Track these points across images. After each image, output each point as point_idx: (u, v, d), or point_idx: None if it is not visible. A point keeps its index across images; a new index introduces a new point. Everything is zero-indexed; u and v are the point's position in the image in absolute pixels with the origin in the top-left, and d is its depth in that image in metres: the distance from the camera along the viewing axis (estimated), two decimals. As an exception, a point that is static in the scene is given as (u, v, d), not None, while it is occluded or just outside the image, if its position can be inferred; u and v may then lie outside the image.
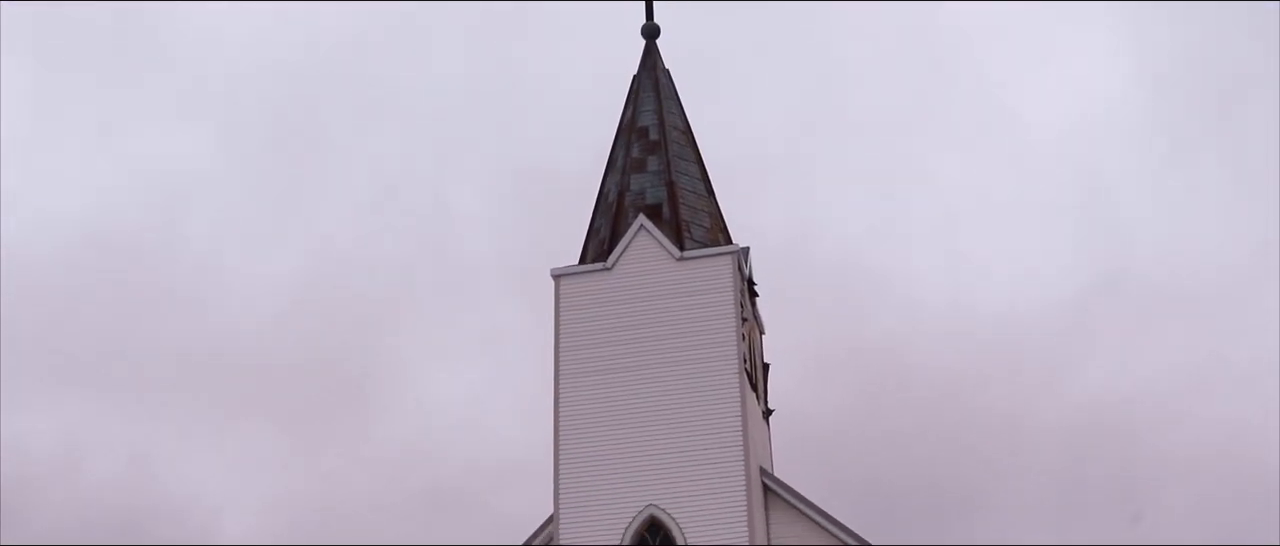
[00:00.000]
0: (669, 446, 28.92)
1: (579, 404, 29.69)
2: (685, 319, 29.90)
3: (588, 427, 29.43)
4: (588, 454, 29.25)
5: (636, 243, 30.81)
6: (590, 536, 28.60)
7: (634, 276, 30.56)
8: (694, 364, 29.47)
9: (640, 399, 29.42)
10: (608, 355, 29.96)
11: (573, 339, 30.32)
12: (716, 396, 29.15)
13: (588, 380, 29.83)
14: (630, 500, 28.72)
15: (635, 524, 28.53)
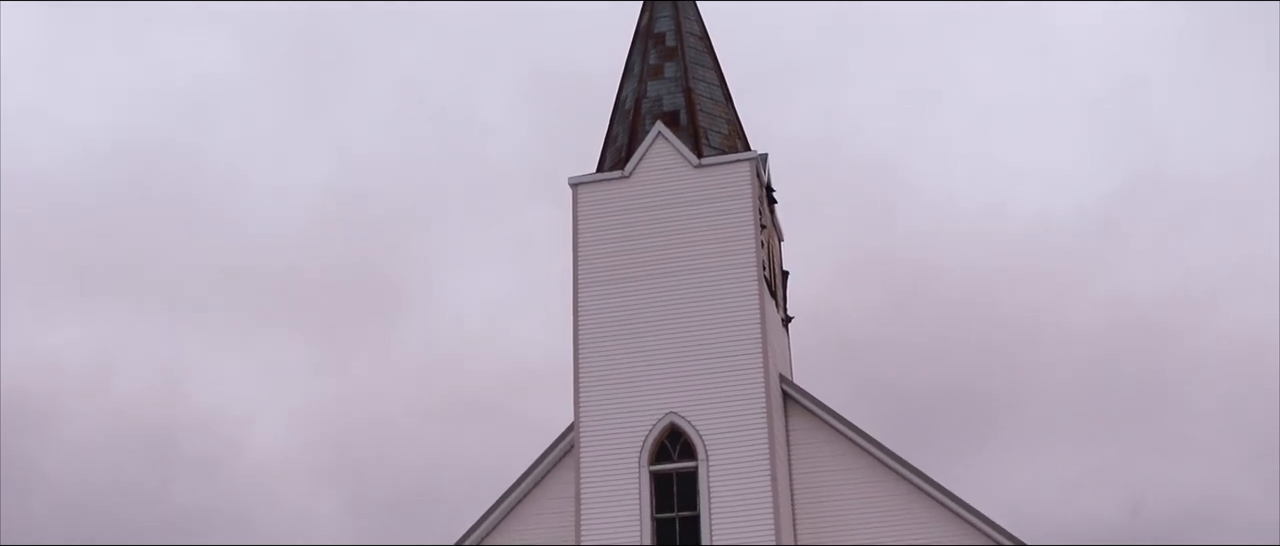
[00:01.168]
0: (688, 353, 28.94)
1: (598, 312, 29.71)
2: (703, 226, 29.79)
3: (607, 335, 29.47)
4: (607, 361, 29.31)
5: (654, 150, 30.63)
6: (611, 442, 28.73)
7: (651, 184, 30.41)
8: (712, 271, 29.41)
9: (659, 306, 29.41)
10: (626, 263, 29.92)
11: (591, 247, 30.28)
12: (735, 303, 29.11)
13: (606, 288, 29.82)
14: (650, 407, 28.81)
15: (655, 431, 28.63)
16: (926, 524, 28.63)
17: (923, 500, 28.71)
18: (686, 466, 28.40)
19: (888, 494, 28.98)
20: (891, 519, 28.82)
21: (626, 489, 28.37)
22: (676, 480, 28.43)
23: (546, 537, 29.92)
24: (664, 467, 28.51)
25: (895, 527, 28.74)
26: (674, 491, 28.39)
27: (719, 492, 27.97)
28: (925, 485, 28.60)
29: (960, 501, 28.31)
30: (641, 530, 27.99)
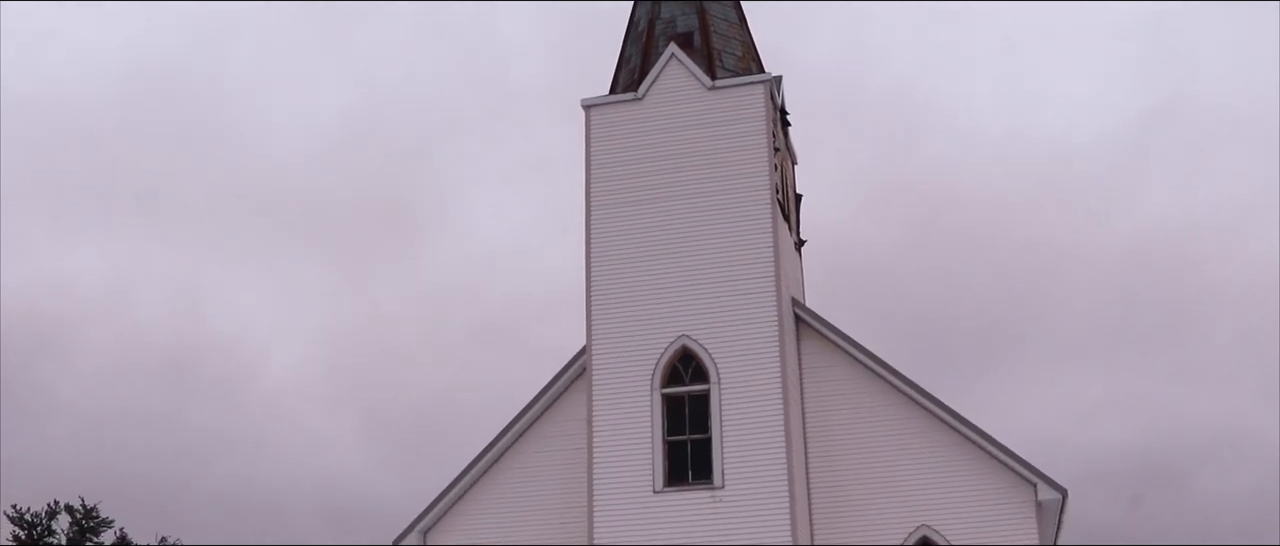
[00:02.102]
0: (701, 276, 28.85)
1: (610, 235, 29.61)
2: (716, 149, 29.59)
3: (619, 258, 29.39)
4: (619, 284, 29.26)
5: (667, 72, 30.37)
6: (623, 364, 28.74)
7: (664, 106, 30.18)
8: (725, 194, 29.24)
9: (672, 229, 29.29)
10: (639, 186, 29.77)
11: (603, 169, 30.13)
12: (748, 226, 28.97)
13: (618, 211, 29.70)
14: (662, 330, 28.77)
15: (667, 353, 28.61)
16: (939, 448, 28.60)
17: (936, 425, 28.66)
18: (698, 389, 28.39)
19: (900, 418, 28.94)
20: (904, 443, 28.81)
21: (638, 412, 28.39)
22: (688, 403, 28.45)
23: (559, 460, 30.01)
24: (676, 390, 28.51)
25: (907, 451, 28.72)
26: (686, 414, 28.41)
27: (731, 416, 27.97)
28: (938, 410, 28.55)
29: (974, 426, 28.26)
30: (653, 453, 28.04)
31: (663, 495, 27.79)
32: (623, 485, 27.93)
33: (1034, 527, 27.70)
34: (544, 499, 29.99)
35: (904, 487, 28.42)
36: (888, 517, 28.33)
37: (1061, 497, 27.67)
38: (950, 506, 28.15)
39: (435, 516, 30.48)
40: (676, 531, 27.34)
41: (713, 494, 27.56)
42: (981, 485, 28.18)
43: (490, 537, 30.03)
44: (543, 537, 29.66)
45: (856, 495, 28.60)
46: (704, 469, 27.91)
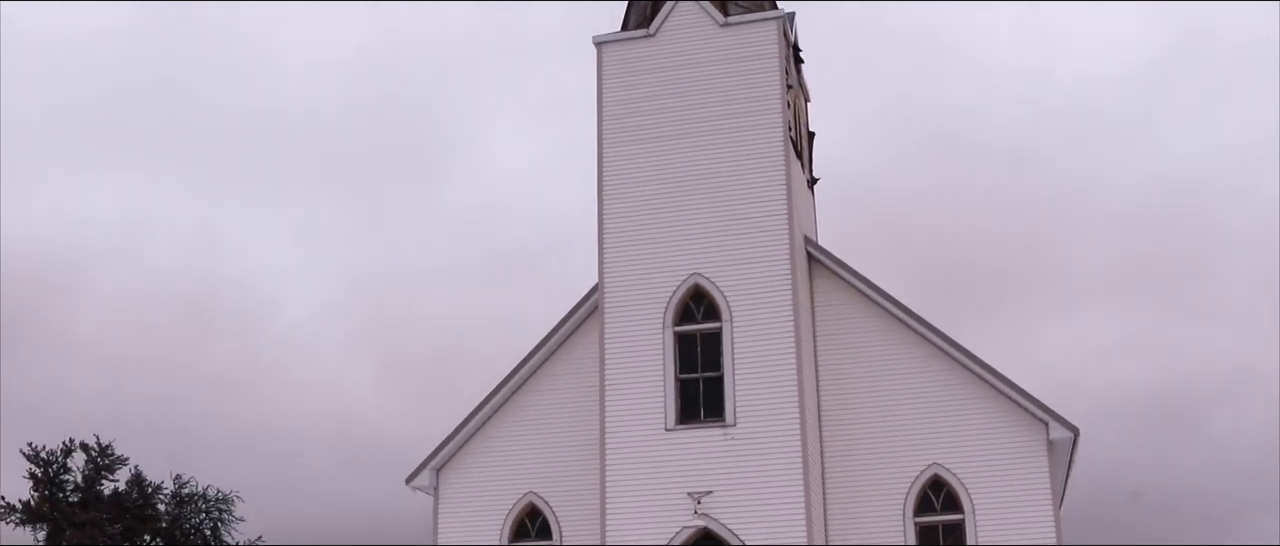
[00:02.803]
0: (713, 214, 28.77)
1: (622, 172, 29.51)
2: (729, 86, 29.39)
3: (631, 196, 29.30)
4: (631, 222, 29.19)
5: (679, 8, 30.10)
6: (635, 302, 28.72)
7: (677, 43, 29.96)
8: (738, 131, 29.08)
9: (684, 166, 29.17)
10: (651, 123, 29.62)
11: (615, 106, 29.97)
12: (760, 164, 28.83)
13: (631, 148, 29.58)
14: (674, 267, 28.74)
15: (679, 291, 28.56)
16: (951, 387, 28.57)
17: (948, 364, 28.61)
18: (710, 327, 28.36)
19: (913, 356, 28.90)
20: (916, 381, 28.79)
21: (650, 349, 28.40)
22: (700, 341, 28.42)
23: (571, 398, 30.04)
24: (688, 328, 28.49)
25: (919, 390, 28.71)
26: (698, 352, 28.39)
27: (743, 353, 27.95)
28: (951, 349, 28.48)
29: (986, 365, 28.19)
30: (665, 390, 28.06)
31: (675, 432, 27.83)
32: (635, 422, 27.99)
33: (1045, 466, 27.70)
34: (556, 437, 30.08)
35: (916, 426, 28.43)
36: (899, 455, 28.36)
37: (1073, 436, 27.63)
38: (962, 444, 28.16)
39: (447, 454, 30.58)
40: (688, 468, 27.41)
41: (724, 431, 27.59)
42: (993, 423, 28.16)
43: (502, 476, 30.14)
44: (555, 475, 29.76)
45: (868, 433, 28.62)
46: (716, 406, 27.92)
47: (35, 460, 53.21)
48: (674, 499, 27.24)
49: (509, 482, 30.11)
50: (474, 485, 30.35)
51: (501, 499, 30.06)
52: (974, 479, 27.91)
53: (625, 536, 27.33)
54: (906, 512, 28.10)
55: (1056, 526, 27.48)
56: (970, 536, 27.71)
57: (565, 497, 29.59)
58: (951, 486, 28.02)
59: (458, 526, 30.21)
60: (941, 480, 28.11)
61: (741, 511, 26.95)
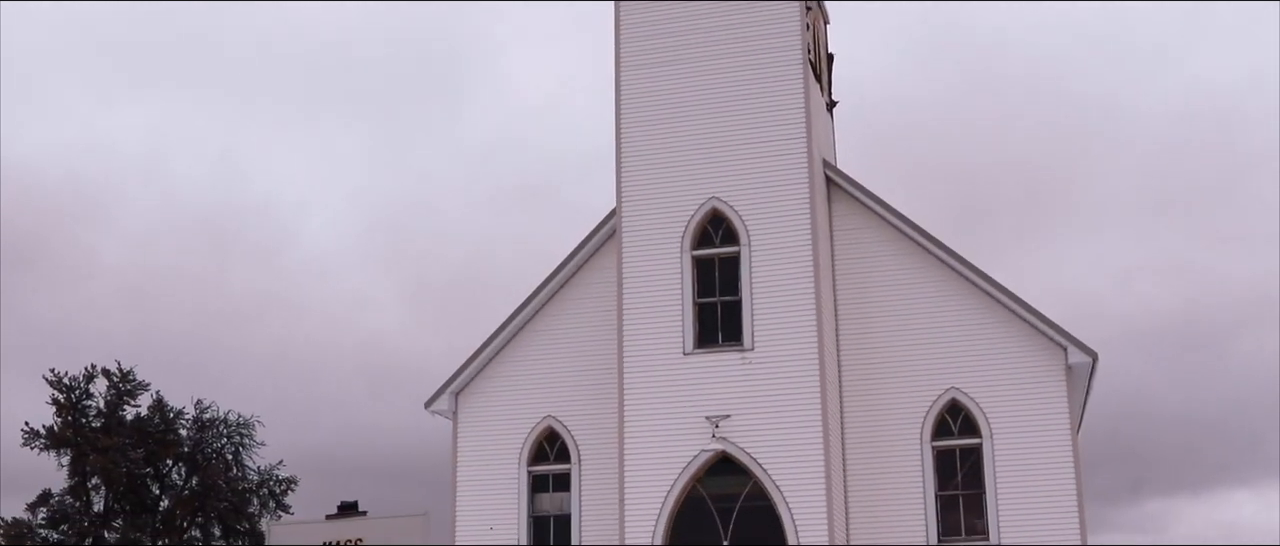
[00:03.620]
0: (731, 137, 28.59)
1: (640, 95, 29.32)
2: (747, 8, 29.08)
3: (649, 119, 29.13)
4: (649, 145, 29.05)
5: (698, -71, 29.73)
6: (653, 226, 28.64)
7: (695, -36, 29.61)
8: (756, 54, 28.83)
9: (702, 90, 28.97)
10: (669, 46, 29.38)
11: (633, 30, 29.73)
12: (779, 87, 28.61)
13: (649, 72, 29.36)
14: (692, 191, 28.62)
15: (697, 215, 28.46)
16: (970, 311, 28.48)
17: (967, 288, 28.50)
18: (728, 251, 28.27)
19: (931, 280, 28.79)
20: (934, 305, 28.69)
21: (668, 273, 28.34)
22: (718, 265, 28.34)
23: (589, 322, 30.05)
24: (706, 252, 28.41)
25: (938, 314, 28.62)
26: (716, 276, 28.33)
27: (761, 278, 27.88)
28: (970, 273, 28.36)
29: (1005, 289, 28.08)
30: (683, 314, 28.04)
31: (693, 356, 27.83)
32: (652, 347, 27.99)
33: (1064, 391, 27.65)
34: (574, 361, 30.12)
35: (934, 350, 28.38)
36: (917, 379, 28.33)
37: (1091, 361, 27.54)
38: (980, 369, 28.12)
39: (466, 379, 30.65)
40: (706, 392, 27.43)
41: (742, 356, 27.57)
42: (1012, 348, 28.09)
43: (520, 399, 30.23)
44: (573, 399, 29.84)
45: (886, 357, 28.58)
46: (734, 331, 27.89)
47: (58, 386, 53.59)
48: (692, 423, 27.28)
49: (528, 407, 30.20)
50: (492, 409, 30.46)
51: (520, 423, 30.17)
52: (992, 403, 27.88)
53: (643, 460, 27.41)
54: (924, 436, 28.12)
55: (1074, 451, 27.46)
56: (988, 460, 27.72)
57: (584, 421, 29.68)
58: (969, 410, 28.00)
59: (476, 450, 30.34)
60: (959, 404, 28.09)
61: (759, 435, 26.99)
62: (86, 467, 53.50)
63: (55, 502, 54.60)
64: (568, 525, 29.56)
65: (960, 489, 28.00)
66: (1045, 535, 27.08)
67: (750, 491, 26.99)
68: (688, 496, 27.23)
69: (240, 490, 56.39)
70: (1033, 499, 27.32)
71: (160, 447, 54.81)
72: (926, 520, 27.80)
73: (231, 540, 57.40)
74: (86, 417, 54.13)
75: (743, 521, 26.93)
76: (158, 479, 56.39)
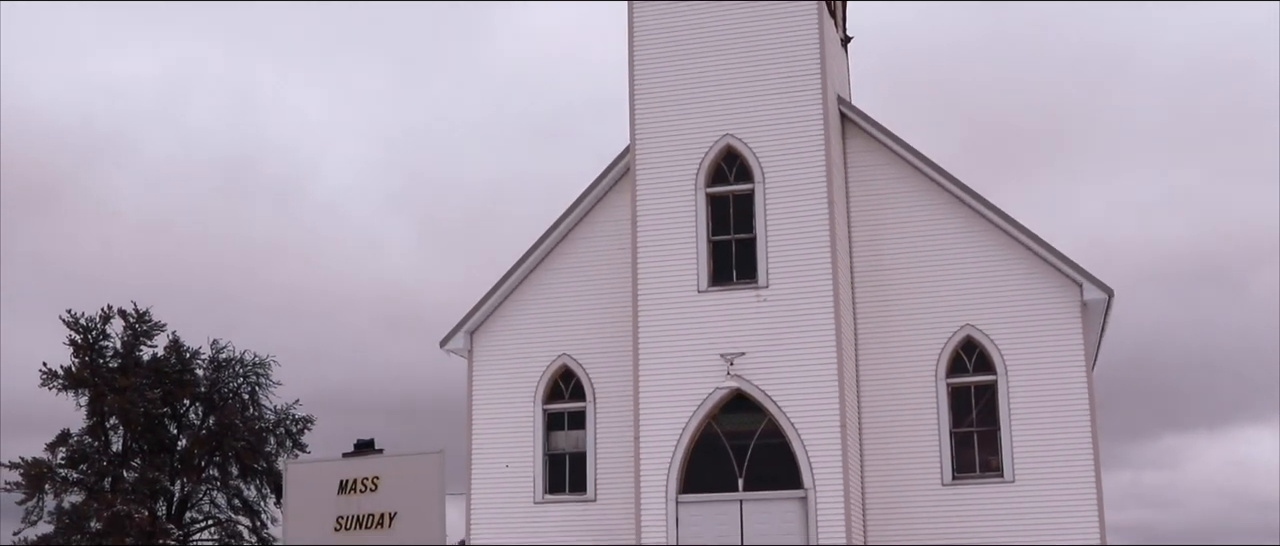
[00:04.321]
0: (745, 74, 28.42)
1: (653, 31, 29.12)
2: (762, -58, 28.80)
3: (662, 55, 28.95)
4: (662, 82, 28.88)
5: None
6: (667, 164, 28.52)
7: (709, -102, 29.31)
8: (771, -11, 28.55)
9: (716, 26, 28.76)
10: (682, -18, 29.12)
11: (646, -35, 29.47)
12: (793, 22, 28.39)
13: (662, 8, 29.13)
14: (706, 128, 28.47)
15: (712, 152, 28.33)
16: (985, 248, 28.38)
17: (983, 225, 28.38)
18: (743, 188, 28.17)
19: (947, 217, 28.69)
20: (950, 242, 28.60)
21: (682, 210, 28.25)
22: (733, 202, 28.25)
23: (604, 260, 30.02)
24: (720, 189, 28.31)
25: (953, 251, 28.53)
26: (731, 213, 28.24)
27: (775, 215, 27.78)
28: (985, 210, 28.23)
29: (1021, 226, 27.96)
30: (698, 252, 27.97)
31: (707, 294, 27.80)
32: (667, 284, 27.96)
33: (1078, 327, 27.59)
34: (589, 299, 30.12)
35: (949, 287, 28.32)
36: (932, 316, 28.29)
37: (1107, 297, 27.46)
38: (995, 306, 28.06)
39: (481, 317, 30.68)
40: (721, 329, 27.42)
41: (757, 293, 27.54)
42: (1027, 285, 28.02)
43: (535, 338, 30.26)
44: (588, 338, 29.86)
45: (901, 294, 28.54)
46: (748, 268, 27.84)
47: (74, 327, 53.78)
48: (707, 360, 27.29)
49: (542, 345, 30.24)
50: (508, 347, 30.50)
51: (535, 361, 30.21)
52: (1007, 340, 27.85)
53: (658, 398, 27.45)
54: (939, 373, 28.11)
55: (1089, 388, 27.44)
56: (1002, 397, 27.72)
57: (598, 359, 29.72)
58: (984, 347, 27.97)
59: (492, 389, 30.42)
60: (974, 341, 28.06)
61: (774, 372, 27.00)
62: (104, 408, 53.80)
63: (74, 442, 54.95)
64: (583, 462, 29.67)
65: (975, 426, 28.03)
66: (1060, 471, 27.12)
67: (765, 428, 27.03)
68: (702, 433, 27.29)
69: (257, 429, 56.68)
70: (1047, 435, 27.35)
71: (177, 388, 55.07)
72: (941, 457, 27.85)
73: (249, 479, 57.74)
74: (103, 358, 54.36)
75: (757, 458, 27.00)
76: (175, 418, 56.69)
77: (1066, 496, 27.00)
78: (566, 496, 29.66)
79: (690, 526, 26.89)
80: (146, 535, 51.66)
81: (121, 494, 52.93)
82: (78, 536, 52.93)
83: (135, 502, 52.35)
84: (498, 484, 29.93)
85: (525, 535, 29.46)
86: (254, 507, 58.38)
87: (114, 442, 55.53)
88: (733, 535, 26.75)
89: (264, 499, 58.53)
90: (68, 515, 53.57)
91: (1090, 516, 26.84)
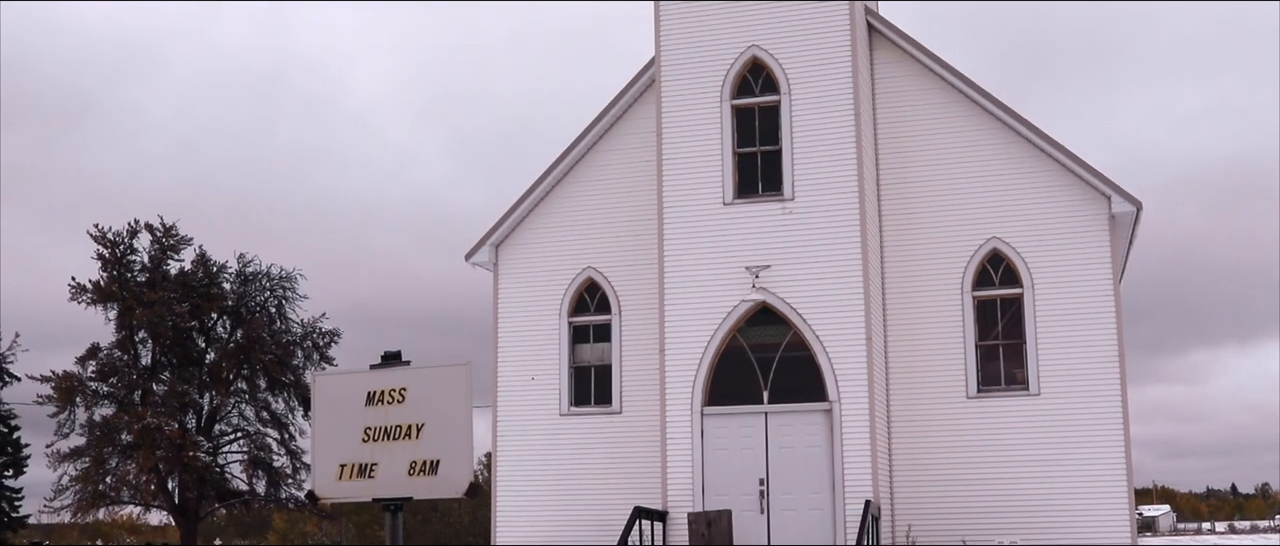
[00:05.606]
0: (771, -15, 28.08)
1: (678, -58, 28.78)
2: None
3: (687, -34, 28.63)
4: (688, -6, 28.58)
5: None
6: (692, 75, 28.32)
7: None
8: (797, -102, 28.18)
9: (742, -64, 28.39)
10: (708, -110, 28.75)
11: (671, -127, 29.09)
12: (820, -68, 28.00)
13: (687, -83, 28.78)
14: (731, 39, 28.23)
15: (737, 63, 28.13)
16: (1013, 160, 28.20)
17: (1010, 137, 28.18)
18: (768, 100, 27.99)
19: (974, 129, 28.49)
20: (977, 155, 28.42)
21: (707, 123, 28.10)
22: (758, 114, 28.08)
23: (629, 173, 29.96)
24: (746, 101, 28.13)
25: (980, 163, 28.36)
26: (756, 125, 28.07)
27: (801, 127, 27.62)
28: (1013, 121, 28.02)
29: (1049, 138, 27.74)
30: (723, 164, 27.85)
31: (732, 206, 27.70)
32: (692, 197, 27.87)
33: (1106, 240, 27.46)
34: (614, 212, 30.10)
35: (976, 199, 28.19)
36: (959, 228, 28.19)
37: (1135, 210, 27.28)
38: (1023, 217, 27.93)
39: (506, 230, 30.69)
40: (746, 243, 27.35)
41: (783, 205, 27.43)
42: (1055, 197, 27.86)
43: (560, 251, 30.28)
44: (613, 250, 29.87)
45: (927, 205, 28.42)
46: (774, 180, 27.72)
47: (102, 241, 54.06)
48: (732, 273, 27.26)
49: (568, 258, 30.27)
50: (533, 260, 30.54)
51: (560, 274, 30.26)
52: (1034, 253, 27.74)
53: (683, 310, 27.47)
54: (965, 287, 28.05)
55: (1116, 301, 27.34)
56: (1029, 310, 27.66)
57: (624, 271, 29.75)
58: (1011, 260, 27.87)
59: (517, 301, 30.50)
60: (1001, 254, 27.96)
61: (799, 285, 26.96)
62: (133, 322, 54.19)
63: (103, 356, 55.43)
64: (608, 375, 29.79)
65: (1000, 339, 28.00)
66: (1085, 385, 27.11)
67: (790, 341, 27.05)
68: (727, 346, 27.32)
69: (284, 343, 57.07)
70: (1073, 349, 27.31)
71: (205, 301, 55.42)
72: (966, 370, 27.85)
73: (277, 392, 58.20)
74: (131, 272, 54.69)
75: (782, 371, 27.05)
76: (203, 332, 57.10)
77: (1092, 409, 27.01)
78: (592, 409, 29.81)
79: (715, 438, 27.02)
80: (177, 447, 52.23)
81: (151, 407, 53.45)
82: (109, 448, 53.57)
83: (165, 415, 52.87)
84: (523, 396, 30.10)
85: (551, 447, 29.67)
86: (282, 420, 58.92)
87: (143, 356, 56.00)
88: (757, 447, 26.87)
89: (292, 411, 59.05)
90: (99, 428, 54.18)
91: (1115, 429, 26.87)
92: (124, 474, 55.24)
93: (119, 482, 55.55)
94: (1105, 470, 26.78)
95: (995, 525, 26.72)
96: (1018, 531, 26.30)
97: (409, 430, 9.13)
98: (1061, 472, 26.88)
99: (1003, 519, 26.84)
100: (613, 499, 27.99)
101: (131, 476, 55.26)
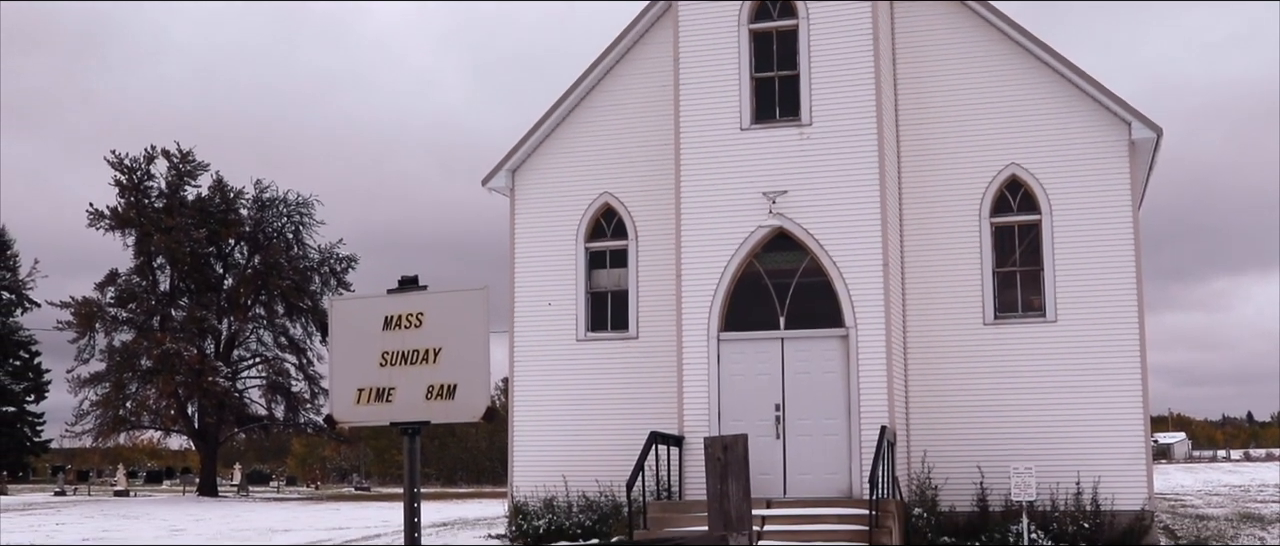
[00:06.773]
0: (789, -93, 27.80)
1: None
2: None
3: (705, -111, 28.32)
4: (705, -83, 28.29)
5: None
6: (708, 1, 28.07)
7: None
8: None
9: None
10: None
11: None
12: None
13: None
14: (749, -36, 27.96)
15: (755, -11, 27.93)
16: (1032, 86, 27.98)
17: (1030, 62, 27.95)
18: (786, 24, 27.77)
19: (993, 54, 28.25)
20: (996, 80, 28.20)
21: (725, 47, 27.91)
22: (776, 38, 27.87)
23: (646, 97, 29.82)
24: (763, 26, 27.92)
25: (999, 89, 28.14)
26: (774, 50, 27.88)
27: (819, 50, 27.41)
28: (1033, 46, 27.78)
29: (1069, 63, 27.50)
30: (741, 89, 27.69)
31: (750, 131, 27.57)
32: (709, 122, 27.75)
33: (1126, 167, 27.29)
34: (631, 137, 29.98)
35: (994, 125, 28.01)
36: (977, 155, 28.03)
37: (1155, 136, 27.09)
38: (1041, 144, 27.76)
39: (523, 156, 30.61)
40: (763, 168, 27.25)
41: (800, 131, 27.29)
42: (1074, 123, 27.66)
43: (577, 176, 30.21)
44: (630, 175, 29.79)
45: (945, 131, 28.26)
46: (791, 105, 27.56)
47: (119, 167, 54.13)
48: (749, 198, 27.18)
49: (584, 183, 30.20)
50: (549, 186, 30.48)
51: (577, 199, 30.20)
52: (1052, 179, 27.59)
53: (700, 235, 27.43)
54: (982, 213, 27.94)
55: (1135, 227, 27.22)
56: (1047, 237, 27.56)
57: (640, 197, 29.68)
58: (1029, 186, 27.74)
59: (533, 227, 30.47)
60: (1019, 180, 27.83)
61: (816, 211, 26.88)
62: (151, 248, 54.34)
63: (123, 282, 55.65)
64: (625, 300, 29.81)
65: (1018, 266, 27.92)
66: (1103, 312, 27.05)
67: (807, 267, 27.01)
68: (744, 272, 27.31)
69: (301, 268, 57.19)
70: (1091, 276, 27.23)
71: (222, 227, 55.52)
72: (983, 296, 27.81)
73: (294, 317, 58.37)
74: (148, 198, 54.77)
75: (799, 297, 27.03)
76: (221, 258, 57.25)
77: (1109, 336, 26.98)
78: (608, 334, 29.85)
79: (732, 363, 27.06)
80: (196, 372, 52.50)
81: (170, 332, 53.67)
82: (129, 373, 53.88)
83: (184, 340, 53.10)
84: (540, 322, 30.15)
85: (568, 372, 29.75)
86: (300, 345, 59.18)
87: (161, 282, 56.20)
88: (774, 373, 26.91)
89: (310, 336, 59.32)
90: (119, 353, 54.47)
91: (1132, 357, 26.84)
92: (144, 398, 55.63)
93: (139, 407, 55.95)
94: (1121, 398, 26.78)
95: (1011, 451, 26.77)
96: (1033, 457, 26.34)
97: (426, 355, 9.13)
98: (1077, 400, 26.90)
99: (1018, 445, 26.89)
100: (629, 424, 28.09)
101: (151, 401, 55.65)
